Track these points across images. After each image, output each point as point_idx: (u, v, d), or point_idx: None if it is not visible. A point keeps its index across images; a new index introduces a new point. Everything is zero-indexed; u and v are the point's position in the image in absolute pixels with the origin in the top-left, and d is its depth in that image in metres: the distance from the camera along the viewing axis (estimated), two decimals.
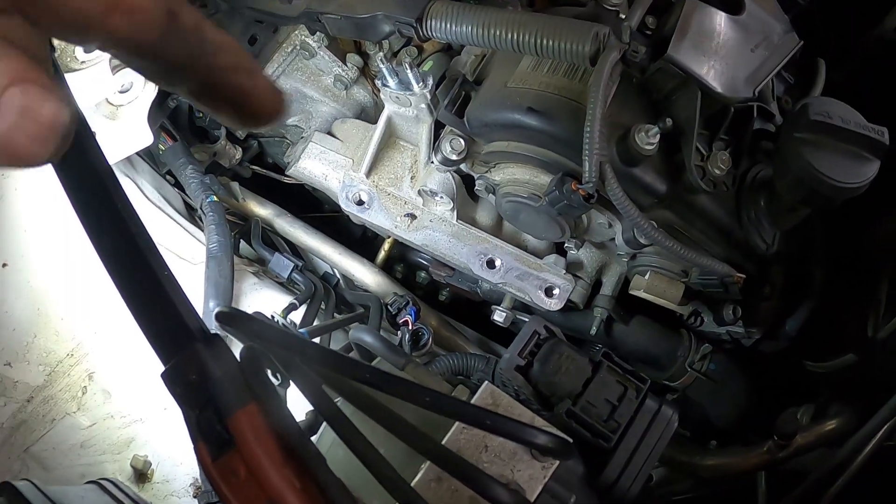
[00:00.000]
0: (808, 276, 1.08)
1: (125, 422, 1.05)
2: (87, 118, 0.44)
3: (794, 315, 1.08)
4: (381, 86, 0.96)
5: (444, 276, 1.20)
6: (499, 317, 1.13)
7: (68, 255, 1.06)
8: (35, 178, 1.05)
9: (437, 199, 1.07)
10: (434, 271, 1.21)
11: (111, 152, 1.05)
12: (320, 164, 1.16)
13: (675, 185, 0.91)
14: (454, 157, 1.00)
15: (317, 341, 1.09)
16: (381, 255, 1.27)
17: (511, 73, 0.93)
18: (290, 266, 1.17)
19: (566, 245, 1.07)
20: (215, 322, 0.48)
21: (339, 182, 1.12)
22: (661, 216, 0.94)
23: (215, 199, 1.12)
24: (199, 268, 1.10)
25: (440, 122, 1.01)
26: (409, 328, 1.07)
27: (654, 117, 0.89)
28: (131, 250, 0.41)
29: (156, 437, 1.05)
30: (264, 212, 1.27)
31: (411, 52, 1.17)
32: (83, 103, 0.97)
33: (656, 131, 0.84)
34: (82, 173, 0.42)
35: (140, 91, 1.04)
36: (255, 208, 1.27)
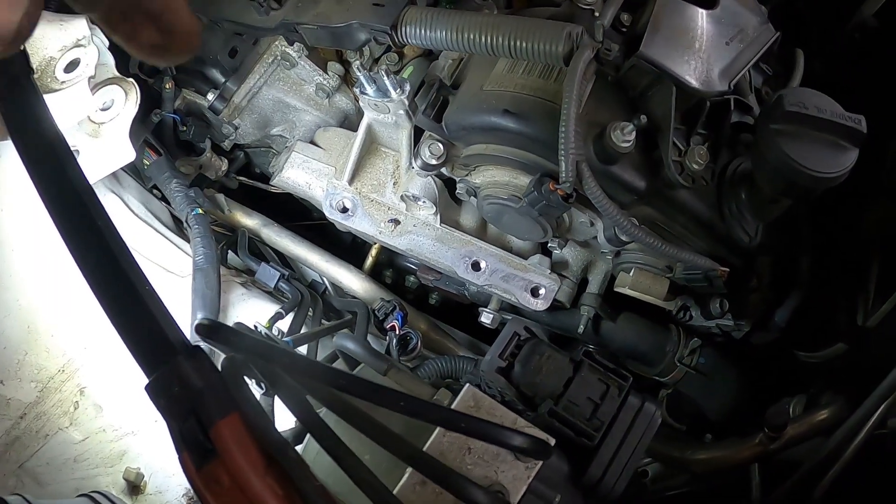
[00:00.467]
0: (795, 266, 1.08)
1: (117, 435, 1.06)
2: (68, 137, 0.44)
3: (782, 306, 1.08)
4: (360, 93, 0.96)
5: (432, 279, 1.20)
6: (486, 318, 1.13)
7: (56, 272, 1.07)
8: (21, 198, 1.06)
9: (419, 203, 1.07)
10: (421, 275, 1.21)
11: (95, 170, 1.06)
12: (304, 174, 1.16)
13: (654, 181, 0.91)
14: (433, 161, 1.00)
15: (302, 349, 1.09)
16: (369, 260, 1.28)
17: (487, 76, 0.94)
18: (276, 275, 1.17)
19: (550, 245, 1.07)
20: (195, 334, 0.49)
21: (323, 190, 1.13)
22: (642, 213, 0.94)
23: (200, 211, 1.13)
24: (187, 280, 1.11)
25: (420, 128, 1.01)
26: (397, 333, 1.07)
27: (631, 114, 0.88)
28: (112, 267, 0.42)
29: (148, 450, 1.06)
30: (251, 222, 1.27)
31: (391, 58, 1.18)
32: (64, 123, 0.97)
33: (632, 129, 0.84)
34: (62, 192, 0.43)
35: (121, 108, 1.04)
36: (241, 219, 1.27)
